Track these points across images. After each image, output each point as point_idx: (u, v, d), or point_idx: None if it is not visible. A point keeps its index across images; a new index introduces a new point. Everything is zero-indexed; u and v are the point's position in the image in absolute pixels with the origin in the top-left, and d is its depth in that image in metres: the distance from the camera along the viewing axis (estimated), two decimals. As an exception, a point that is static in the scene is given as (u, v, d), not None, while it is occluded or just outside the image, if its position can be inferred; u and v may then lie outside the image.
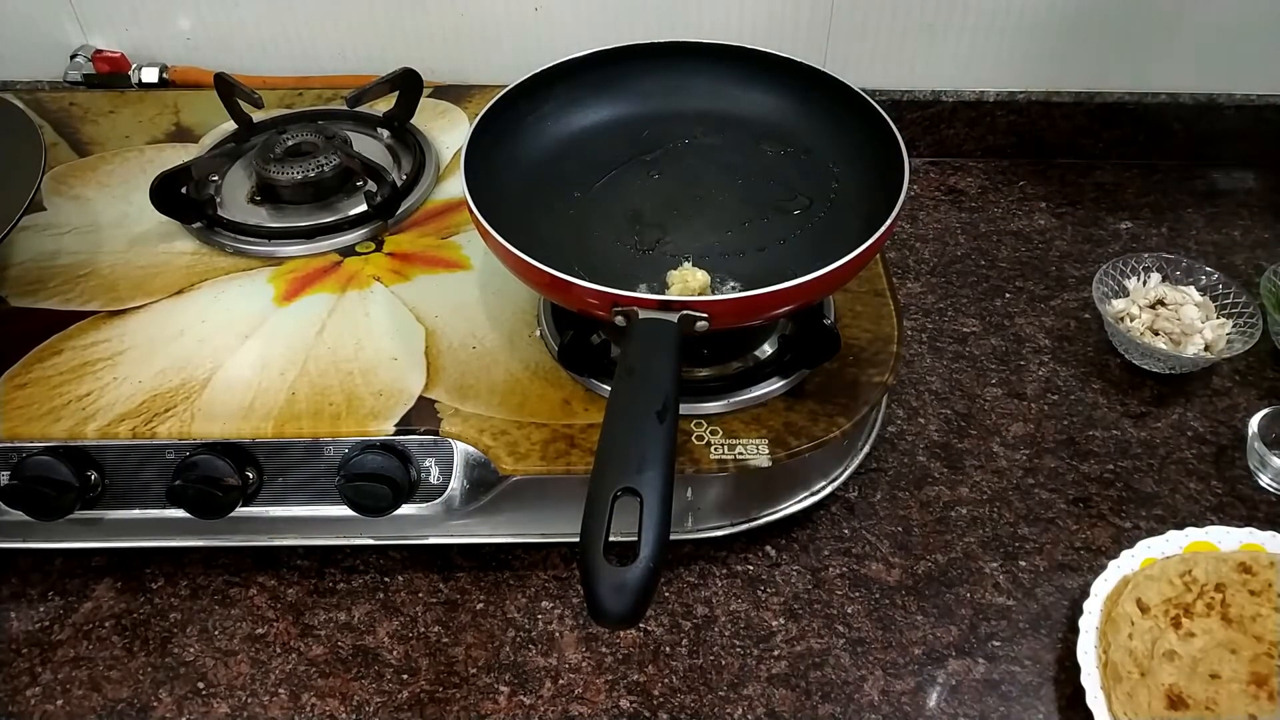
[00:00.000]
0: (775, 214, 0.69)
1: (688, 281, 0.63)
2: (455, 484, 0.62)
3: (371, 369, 0.65)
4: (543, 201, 0.69)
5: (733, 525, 0.65)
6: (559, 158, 0.72)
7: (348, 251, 0.75)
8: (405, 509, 0.62)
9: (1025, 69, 0.95)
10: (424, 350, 0.66)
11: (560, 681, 0.60)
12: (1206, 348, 0.75)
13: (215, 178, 0.80)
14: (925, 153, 0.99)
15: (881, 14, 0.91)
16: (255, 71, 0.95)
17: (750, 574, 0.65)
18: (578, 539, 0.46)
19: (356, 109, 0.82)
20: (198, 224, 0.76)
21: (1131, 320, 0.78)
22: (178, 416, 0.61)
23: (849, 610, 0.63)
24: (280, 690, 0.60)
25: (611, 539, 0.45)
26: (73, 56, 0.95)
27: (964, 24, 0.91)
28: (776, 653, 0.61)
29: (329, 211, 0.77)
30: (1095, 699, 0.56)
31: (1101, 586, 0.61)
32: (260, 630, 0.63)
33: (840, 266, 0.55)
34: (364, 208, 0.76)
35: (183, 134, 0.87)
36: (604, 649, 0.62)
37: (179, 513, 0.61)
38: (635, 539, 0.45)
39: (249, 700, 0.59)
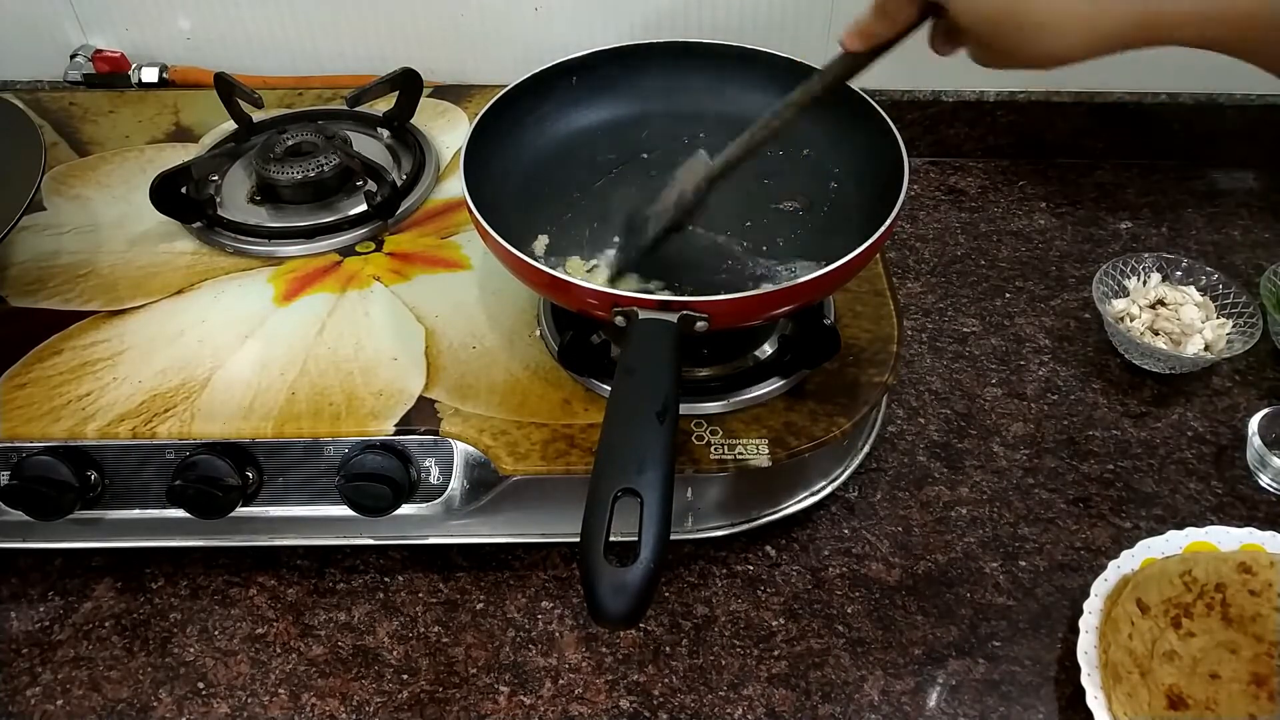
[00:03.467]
0: (775, 214, 0.69)
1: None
2: (455, 484, 0.62)
3: (371, 369, 0.65)
4: (542, 202, 0.69)
5: (733, 525, 0.65)
6: (559, 158, 0.72)
7: (348, 251, 0.75)
8: (405, 509, 0.62)
9: (1025, 69, 0.95)
10: (424, 350, 0.66)
11: (560, 681, 0.60)
12: (1206, 348, 0.75)
13: (215, 177, 0.80)
14: (925, 153, 0.99)
15: (881, 14, 0.91)
16: (255, 71, 0.95)
17: (750, 574, 0.65)
18: (578, 539, 0.46)
19: (356, 109, 0.82)
20: (198, 224, 0.76)
21: (1131, 320, 0.78)
22: (178, 416, 0.61)
23: (849, 610, 0.63)
24: (280, 690, 0.60)
25: (611, 539, 0.45)
26: (73, 56, 0.95)
27: (964, 24, 0.91)
28: (776, 653, 0.61)
29: (329, 211, 0.77)
30: (1095, 699, 0.56)
31: (1101, 586, 0.61)
32: (260, 630, 0.63)
33: (840, 266, 0.55)
34: (364, 207, 0.76)
35: (183, 134, 0.87)
36: (604, 649, 0.62)
37: (179, 513, 0.61)
38: (635, 539, 0.45)
39: (249, 700, 0.59)
